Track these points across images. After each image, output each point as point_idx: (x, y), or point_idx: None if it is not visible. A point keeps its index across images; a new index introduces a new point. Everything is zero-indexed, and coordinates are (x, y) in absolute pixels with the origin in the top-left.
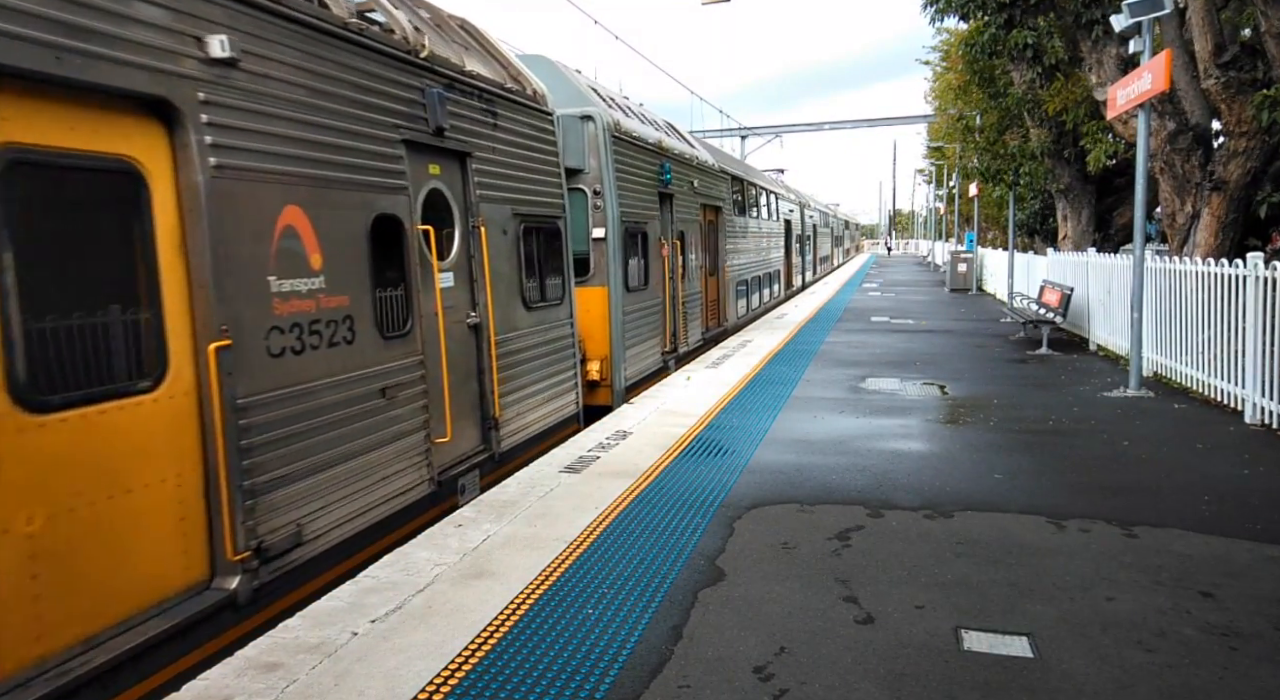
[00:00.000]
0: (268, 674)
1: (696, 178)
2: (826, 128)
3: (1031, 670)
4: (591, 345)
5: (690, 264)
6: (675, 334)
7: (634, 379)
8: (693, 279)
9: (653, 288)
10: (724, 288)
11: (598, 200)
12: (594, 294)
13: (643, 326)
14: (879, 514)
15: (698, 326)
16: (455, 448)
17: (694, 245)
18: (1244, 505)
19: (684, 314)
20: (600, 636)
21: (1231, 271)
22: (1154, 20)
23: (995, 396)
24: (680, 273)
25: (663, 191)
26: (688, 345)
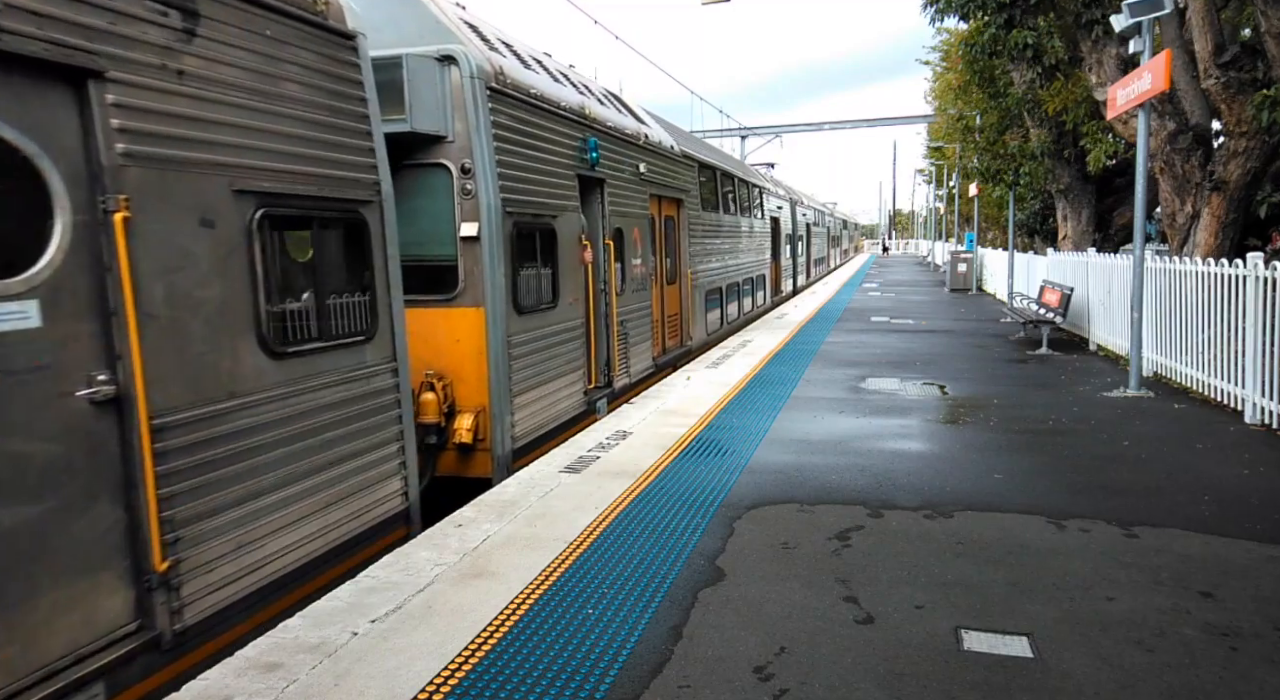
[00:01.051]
0: (268, 674)
1: (645, 161)
2: (826, 128)
3: (1031, 670)
4: (462, 392)
5: (634, 271)
6: (608, 363)
7: (533, 435)
8: (639, 290)
9: (565, 305)
10: (688, 298)
11: (467, 182)
12: (462, 319)
13: (547, 361)
14: (879, 514)
15: (646, 350)
16: None
17: (640, 246)
18: (1244, 505)
19: (622, 336)
20: (600, 636)
21: (1231, 271)
22: (1154, 20)
23: (995, 396)
24: (616, 283)
25: (586, 175)
26: (630, 376)
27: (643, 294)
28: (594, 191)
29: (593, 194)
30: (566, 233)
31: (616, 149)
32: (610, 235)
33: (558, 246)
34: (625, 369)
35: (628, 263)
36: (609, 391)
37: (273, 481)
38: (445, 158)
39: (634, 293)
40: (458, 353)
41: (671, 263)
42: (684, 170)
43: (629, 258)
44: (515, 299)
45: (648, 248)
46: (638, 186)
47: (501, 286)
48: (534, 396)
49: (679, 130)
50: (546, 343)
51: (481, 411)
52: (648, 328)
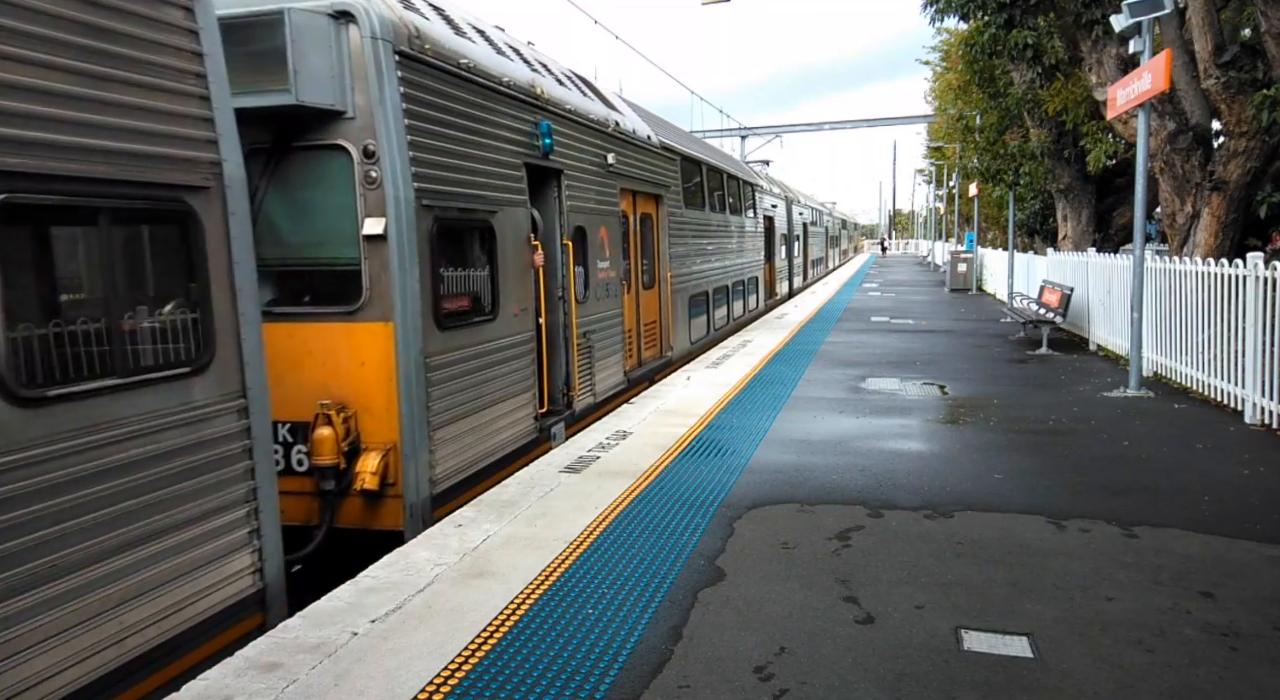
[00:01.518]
0: (267, 674)
1: (615, 151)
2: (826, 128)
3: (1031, 670)
4: (368, 425)
5: (600, 275)
6: (567, 382)
7: (461, 474)
8: (607, 296)
9: (508, 317)
10: (667, 305)
11: (371, 168)
12: (368, 336)
13: (482, 384)
14: (879, 514)
15: (616, 364)
16: None
17: (608, 248)
18: (1244, 505)
19: (584, 350)
20: (600, 636)
21: (1231, 271)
22: (1154, 20)
23: (995, 396)
24: (577, 289)
25: (537, 164)
26: (595, 395)
27: (612, 301)
28: (549, 184)
29: (547, 187)
30: (510, 231)
31: (578, 136)
32: (569, 234)
33: (498, 247)
34: (589, 387)
35: (592, 266)
36: (568, 414)
37: (27, 577)
38: (343, 138)
39: (600, 300)
40: (362, 378)
41: (649, 266)
42: (663, 163)
43: (594, 260)
44: (437, 311)
45: (618, 249)
46: (605, 180)
47: (416, 296)
48: (463, 428)
49: (659, 120)
50: (482, 362)
51: (391, 449)
52: (618, 339)
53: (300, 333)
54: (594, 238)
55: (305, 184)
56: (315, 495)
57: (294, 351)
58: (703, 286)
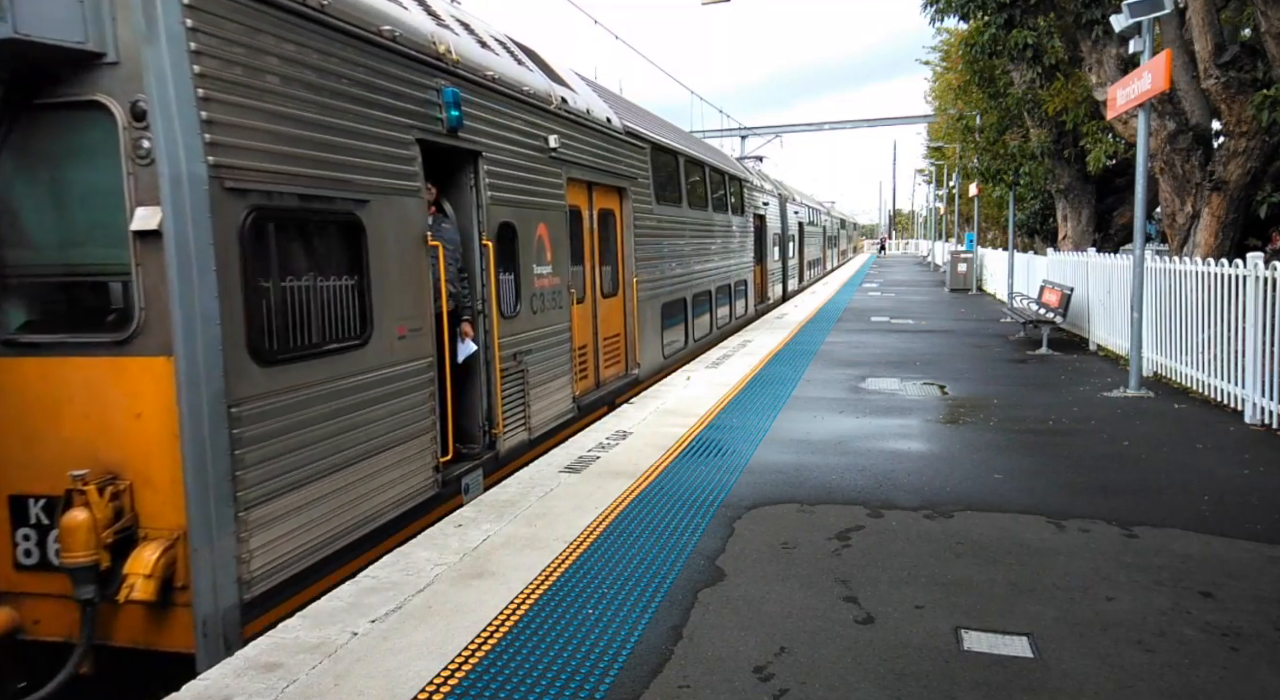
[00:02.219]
0: (268, 674)
1: (559, 134)
2: (826, 128)
3: (1031, 670)
4: (148, 503)
5: (537, 283)
6: (489, 417)
7: (305, 561)
8: (547, 308)
9: (389, 341)
10: (633, 315)
11: (143, 135)
12: (143, 376)
13: (342, 434)
14: (879, 514)
15: (562, 389)
16: None
17: (550, 249)
18: (1244, 505)
19: (514, 376)
20: (600, 636)
21: (1231, 271)
22: (1154, 20)
23: (995, 396)
24: (503, 299)
25: (438, 142)
26: (531, 430)
27: (555, 313)
28: (461, 169)
29: (460, 173)
30: (392, 228)
31: (504, 111)
32: (491, 233)
33: (369, 249)
34: (521, 421)
35: (525, 271)
36: (490, 456)
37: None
38: (102, 91)
39: (539, 313)
40: (137, 436)
41: (610, 270)
42: (629, 152)
43: (527, 264)
44: (255, 339)
45: (564, 250)
46: (546, 167)
47: (214, 319)
48: (304, 498)
49: (628, 103)
50: (341, 404)
51: (180, 538)
52: (564, 358)
53: (56, 371)
54: (528, 237)
55: (54, 158)
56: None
57: (49, 397)
58: (679, 293)
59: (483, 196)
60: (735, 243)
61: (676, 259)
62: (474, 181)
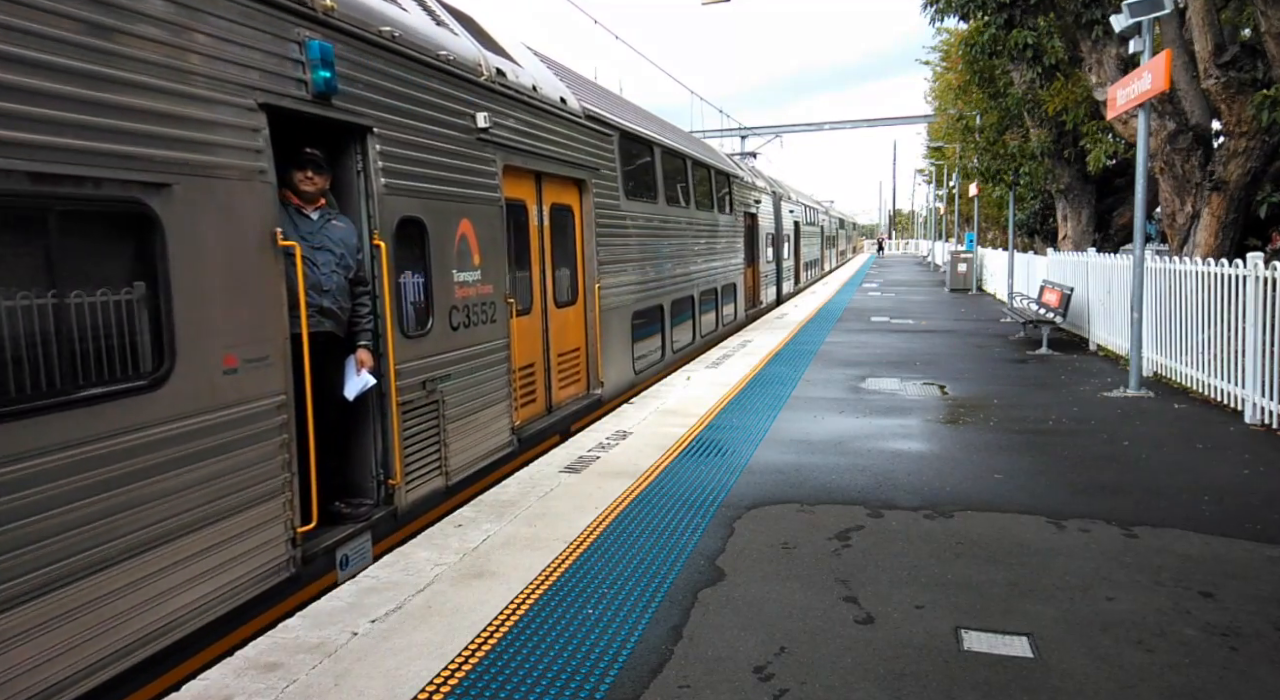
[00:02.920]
0: (267, 674)
1: (490, 111)
2: (826, 128)
3: (1031, 670)
4: None
5: (458, 292)
6: (383, 463)
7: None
8: (473, 322)
9: (204, 379)
10: (595, 326)
11: None
12: None
13: (116, 516)
14: (879, 514)
15: (496, 420)
16: None
17: (478, 251)
18: (1244, 505)
19: (416, 412)
20: (600, 636)
21: (1231, 271)
22: (1154, 20)
23: (995, 396)
24: (405, 313)
25: (299, 111)
26: (451, 475)
27: (484, 329)
28: (344, 149)
29: (342, 154)
30: (213, 222)
31: (405, 77)
32: (387, 231)
33: (169, 249)
34: (435, 464)
35: (440, 278)
36: (384, 515)
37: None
38: None
39: (461, 329)
40: None
41: (567, 275)
42: (590, 139)
43: (442, 269)
44: None
45: (500, 252)
46: (471, 151)
47: None
48: (43, 611)
49: (592, 85)
50: (100, 476)
51: None
52: (500, 382)
53: None
54: (444, 236)
55: None
56: None
57: None
58: (654, 299)
59: (373, 184)
60: (722, 243)
61: (650, 261)
62: (360, 165)
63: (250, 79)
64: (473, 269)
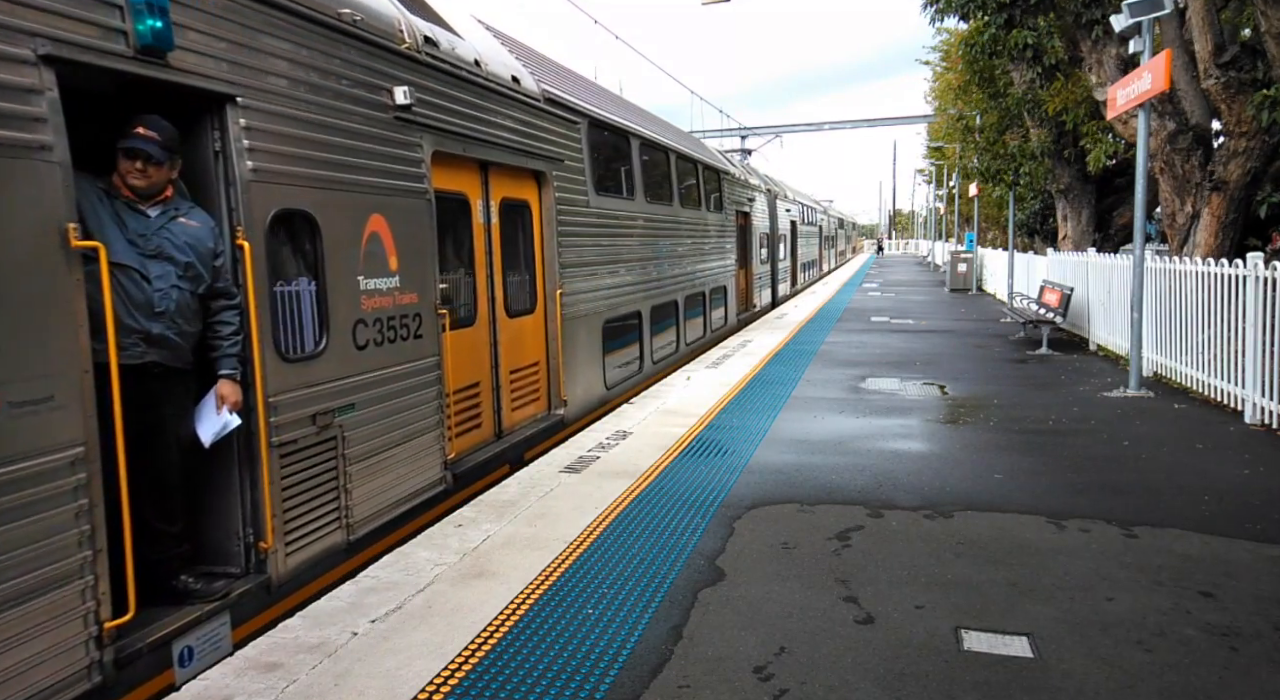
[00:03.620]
0: (267, 674)
1: (413, 85)
2: (826, 128)
3: (1031, 670)
4: None
5: (366, 303)
6: (253, 521)
7: None
8: (390, 340)
9: None
10: (557, 338)
11: None
12: None
13: None
14: (879, 514)
15: (422, 457)
16: None
17: (392, 252)
18: (1244, 505)
19: (304, 454)
20: (600, 636)
21: (1231, 271)
22: (1154, 20)
23: (995, 396)
24: (282, 334)
25: (114, 68)
26: (354, 527)
27: (405, 346)
28: (197, 122)
29: (196, 129)
30: None
31: (281, 34)
32: (257, 228)
33: None
34: (332, 515)
35: (338, 286)
36: (251, 588)
37: None
38: None
39: (370, 347)
40: None
41: (523, 281)
42: (550, 126)
43: (343, 275)
44: None
45: (428, 255)
46: (385, 132)
47: None
48: None
49: (556, 66)
50: None
51: None
52: (427, 408)
53: None
54: (345, 234)
55: None
56: None
57: None
58: (630, 305)
59: (236, 168)
60: (711, 244)
61: (626, 264)
62: (219, 143)
63: (23, 20)
64: (387, 274)
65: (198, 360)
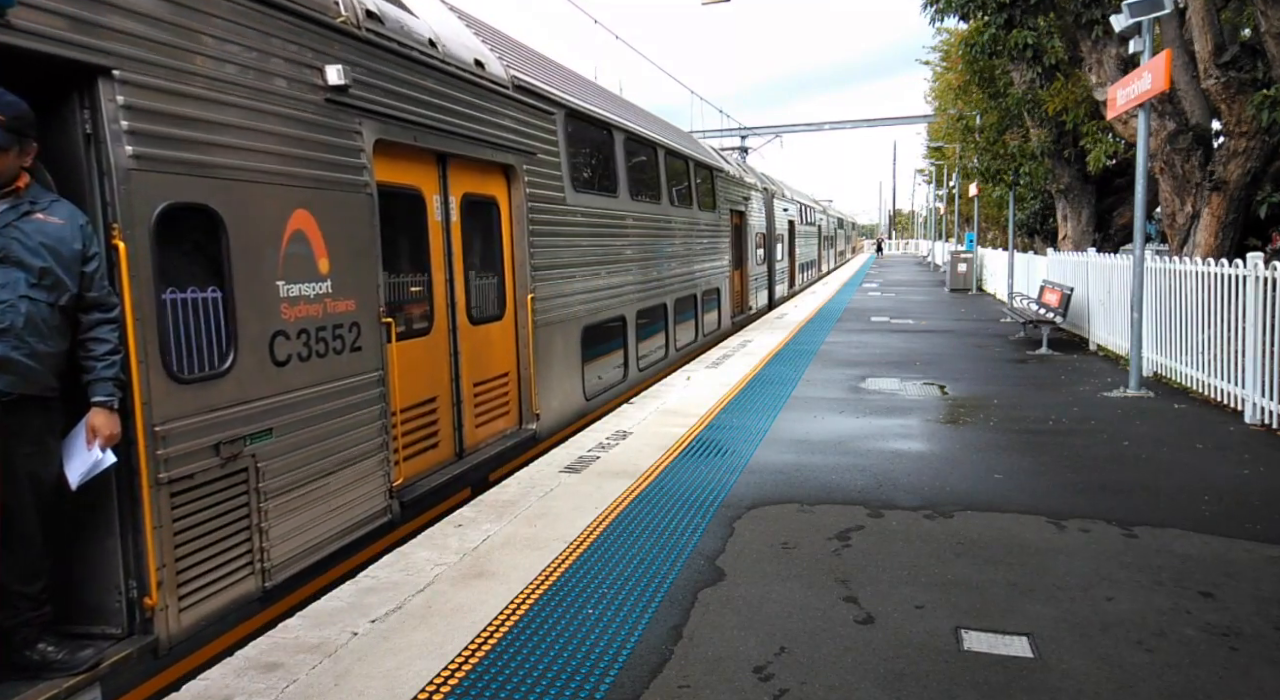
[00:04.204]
0: (268, 674)
1: (350, 64)
2: (827, 127)
3: (1031, 670)
4: None
5: (288, 313)
6: (136, 575)
7: None
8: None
9: None
10: (529, 346)
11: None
12: None
13: None
14: (879, 514)
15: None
16: None
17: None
18: (1244, 505)
19: (208, 495)
20: (600, 636)
21: (1231, 271)
22: (1154, 20)
23: (995, 396)
24: (173, 350)
25: None
26: (268, 575)
27: (338, 361)
28: (62, 100)
29: (60, 107)
30: None
31: None
32: (140, 226)
33: None
34: (246, 560)
35: (251, 292)
36: (139, 648)
37: None
38: None
39: (292, 363)
40: None
41: (490, 284)
42: (520, 115)
43: (258, 278)
44: None
45: (369, 256)
46: (311, 116)
47: None
48: None
49: (530, 52)
50: None
51: None
52: (368, 430)
53: None
54: (260, 232)
55: None
56: None
57: None
58: (614, 310)
59: (111, 155)
60: (703, 244)
61: (608, 266)
62: (89, 125)
63: None
64: (316, 279)
65: (70, 385)
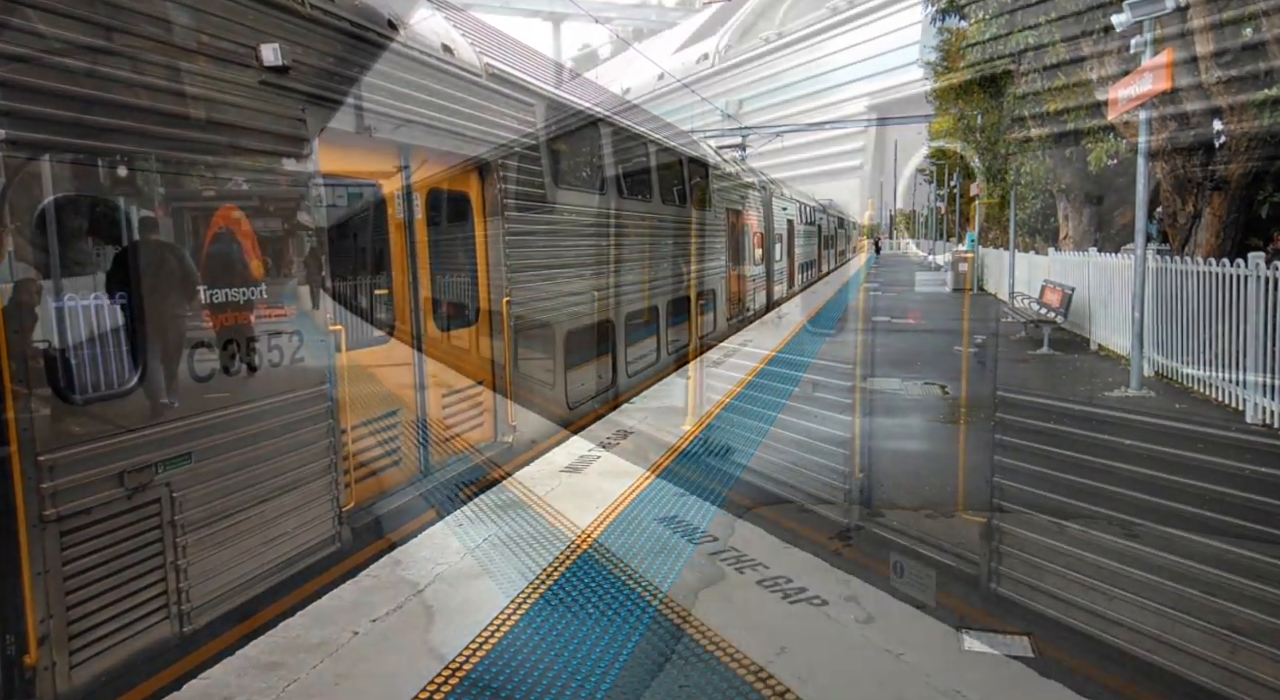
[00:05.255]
0: (269, 673)
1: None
2: (827, 127)
3: (1031, 670)
4: None
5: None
6: (14, 631)
7: None
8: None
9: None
10: (505, 352)
11: None
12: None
13: None
14: (880, 513)
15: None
16: None
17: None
18: (1244, 505)
19: (108, 534)
20: (601, 636)
21: (1233, 271)
22: (1155, 19)
23: None
24: (57, 370)
25: None
26: (188, 619)
27: (275, 375)
28: None
29: None
30: None
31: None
32: (17, 221)
33: None
34: (160, 605)
35: (163, 298)
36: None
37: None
38: None
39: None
40: None
41: (461, 287)
42: (494, 106)
43: (172, 283)
44: None
45: (312, 256)
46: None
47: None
48: None
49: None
50: None
51: None
52: (313, 451)
53: None
54: (174, 230)
55: None
56: None
57: None
58: (600, 313)
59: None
60: (698, 244)
61: (594, 267)
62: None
63: None
64: (246, 282)
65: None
